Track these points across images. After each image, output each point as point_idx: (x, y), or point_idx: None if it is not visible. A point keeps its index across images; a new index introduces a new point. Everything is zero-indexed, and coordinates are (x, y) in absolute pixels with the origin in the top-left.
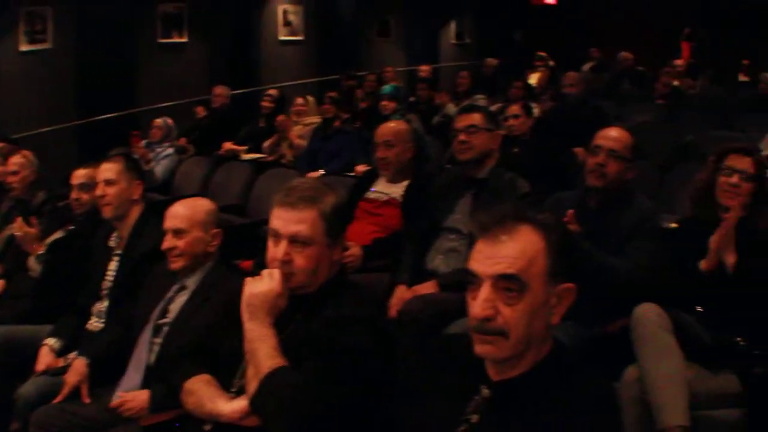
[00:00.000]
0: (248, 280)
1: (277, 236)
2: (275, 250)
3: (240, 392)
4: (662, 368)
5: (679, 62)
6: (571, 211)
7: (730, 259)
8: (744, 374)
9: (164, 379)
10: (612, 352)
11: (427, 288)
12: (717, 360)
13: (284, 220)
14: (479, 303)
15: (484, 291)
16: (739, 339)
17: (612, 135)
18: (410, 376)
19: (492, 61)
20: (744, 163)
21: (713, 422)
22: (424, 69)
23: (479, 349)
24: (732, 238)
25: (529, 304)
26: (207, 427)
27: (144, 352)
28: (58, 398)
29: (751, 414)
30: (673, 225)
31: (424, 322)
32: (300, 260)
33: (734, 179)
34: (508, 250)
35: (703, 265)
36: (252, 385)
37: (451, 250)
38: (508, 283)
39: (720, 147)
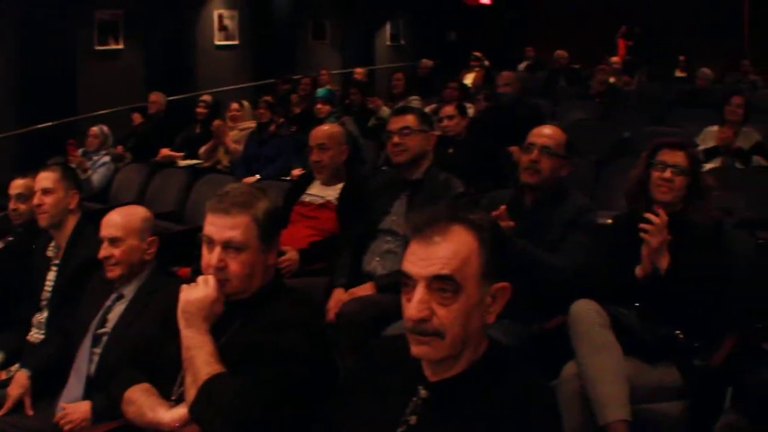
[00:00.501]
0: (183, 287)
1: (211, 242)
2: (209, 257)
3: (180, 400)
4: (601, 363)
5: (615, 59)
6: (503, 207)
7: (663, 263)
8: (684, 367)
9: (105, 390)
10: (551, 349)
11: (365, 290)
12: (656, 354)
13: (217, 226)
14: (414, 304)
15: (419, 292)
16: (678, 332)
17: (545, 132)
18: (349, 378)
19: (427, 62)
20: (676, 157)
21: (655, 415)
22: (359, 71)
23: (415, 350)
24: (663, 244)
25: (464, 304)
26: None
27: (84, 362)
28: (2, 411)
29: (692, 406)
30: (609, 221)
31: (362, 325)
32: (234, 266)
33: (667, 174)
34: (442, 251)
35: (638, 271)
36: (191, 393)
37: (387, 251)
38: (443, 284)
39: (653, 142)
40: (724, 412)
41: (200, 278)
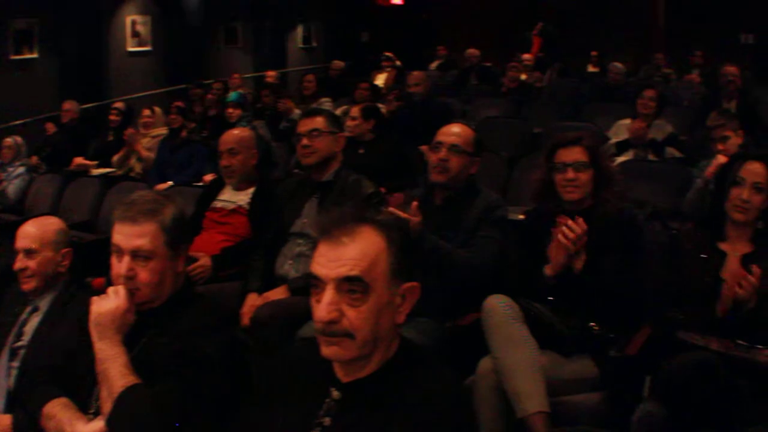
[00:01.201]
0: (94, 299)
1: (120, 252)
2: (118, 266)
3: (97, 413)
4: (516, 357)
5: (526, 56)
6: (414, 202)
7: (579, 264)
8: (600, 358)
9: (23, 404)
10: (467, 345)
11: (278, 294)
12: (572, 346)
13: (125, 234)
14: (323, 306)
15: (328, 294)
16: (592, 324)
17: (453, 131)
18: (264, 382)
19: (338, 64)
20: (574, 154)
21: (573, 407)
22: (271, 74)
23: (326, 351)
24: (580, 250)
25: (374, 305)
26: None
27: (3, 377)
28: None
29: (609, 397)
30: (520, 216)
31: (276, 328)
32: (143, 274)
33: (569, 174)
34: (350, 252)
35: (547, 270)
36: (107, 406)
37: (299, 254)
38: (352, 285)
39: (547, 144)
40: (643, 401)
41: (110, 289)
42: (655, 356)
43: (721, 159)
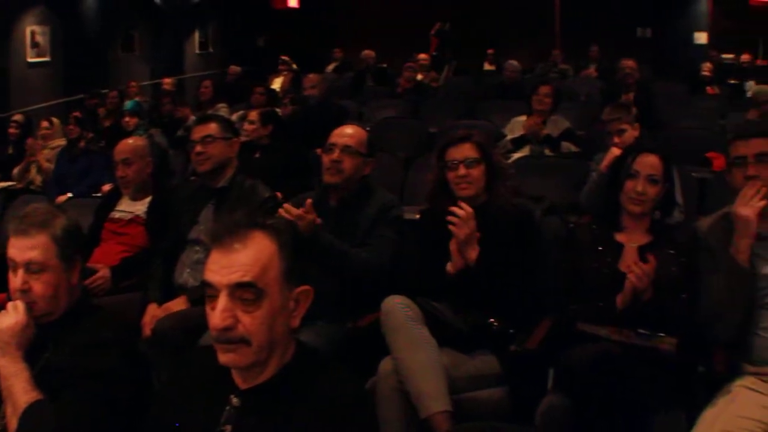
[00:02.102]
0: None
1: (15, 265)
2: (14, 280)
3: (4, 431)
4: (416, 357)
5: (422, 56)
6: (309, 201)
7: (472, 255)
8: (501, 354)
9: None
10: (368, 346)
11: (178, 304)
12: (472, 343)
13: (18, 248)
14: (218, 313)
15: (222, 301)
16: (492, 320)
17: (346, 132)
18: (164, 393)
19: (235, 69)
20: (464, 150)
21: (476, 403)
22: (167, 82)
23: (223, 358)
24: (471, 237)
25: (268, 310)
26: None
27: None
28: None
29: (513, 391)
30: (416, 216)
31: (178, 338)
32: (38, 287)
33: (461, 171)
34: (242, 258)
35: (449, 267)
36: (12, 423)
37: (197, 262)
38: (245, 291)
39: (437, 145)
40: (547, 393)
41: (9, 305)
42: (556, 349)
43: (616, 151)
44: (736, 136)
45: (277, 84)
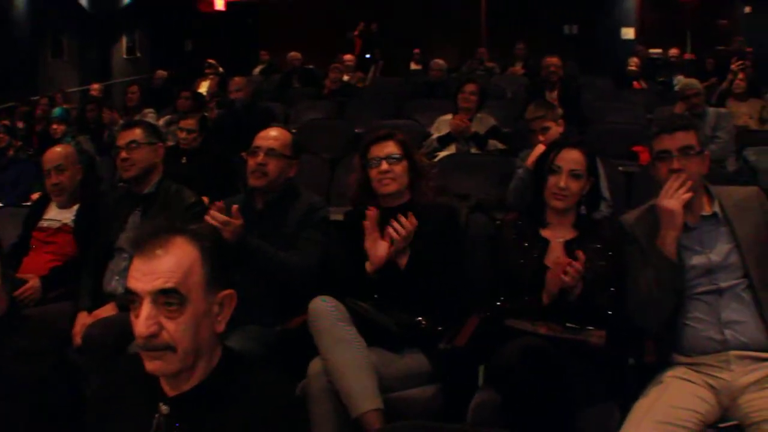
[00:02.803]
0: None
1: None
2: None
3: None
4: (344, 357)
5: (348, 57)
6: (235, 207)
7: (403, 260)
8: (430, 351)
9: None
10: (298, 348)
11: (107, 311)
12: (401, 342)
13: None
14: (142, 321)
15: (146, 308)
16: (420, 319)
17: (270, 135)
18: (94, 402)
19: (161, 73)
20: (386, 148)
21: (407, 402)
22: (95, 87)
23: (149, 366)
24: (404, 244)
25: (192, 316)
26: None
27: None
28: None
29: (444, 388)
30: (341, 217)
31: (108, 346)
32: None
33: (383, 166)
34: (164, 265)
35: (368, 267)
36: None
37: (126, 269)
38: (168, 298)
39: (361, 143)
40: (478, 390)
41: None
42: (486, 345)
43: (540, 148)
44: (660, 130)
45: (203, 87)
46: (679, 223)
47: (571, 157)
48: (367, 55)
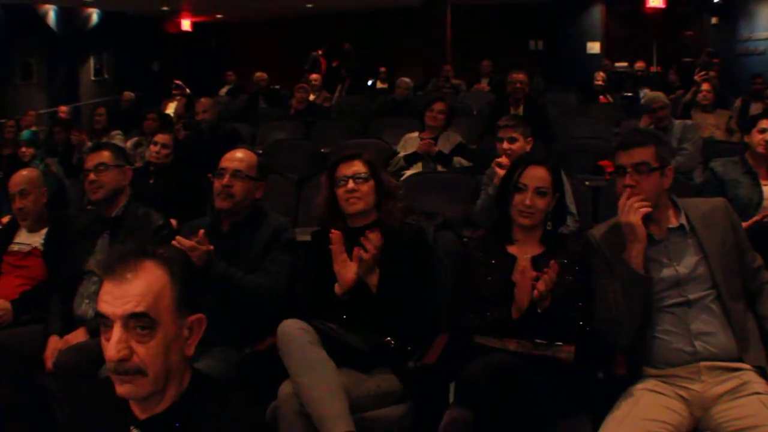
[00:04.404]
0: None
1: None
2: None
3: None
4: (315, 380)
5: (314, 77)
6: (201, 231)
7: (373, 279)
8: (400, 371)
9: None
10: (268, 370)
11: (77, 337)
12: (371, 362)
13: None
14: (113, 345)
15: (116, 332)
16: (389, 339)
17: (236, 156)
18: (68, 425)
19: (128, 95)
20: (353, 167)
21: (379, 422)
22: (63, 110)
23: (120, 389)
24: (371, 262)
25: (162, 340)
26: None
27: None
28: None
29: (414, 407)
30: (308, 238)
31: (79, 371)
32: None
33: (350, 185)
34: (134, 289)
35: (336, 288)
36: None
37: (95, 293)
38: (138, 322)
39: (329, 163)
40: (449, 407)
41: None
42: (456, 363)
43: (500, 161)
44: (618, 146)
45: (171, 109)
46: (641, 235)
47: (536, 175)
48: (342, 71)
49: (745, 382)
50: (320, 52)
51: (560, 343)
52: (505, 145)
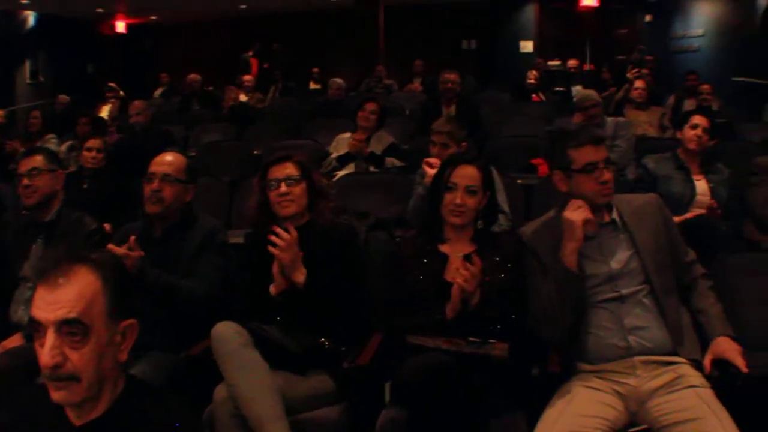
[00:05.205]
0: None
1: None
2: None
3: None
4: (249, 382)
5: (247, 78)
6: (132, 237)
7: (300, 278)
8: (334, 372)
9: None
10: (204, 374)
11: (13, 342)
12: (305, 364)
13: None
14: (46, 351)
15: (50, 338)
16: (323, 340)
17: (165, 160)
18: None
19: (63, 98)
20: (286, 169)
21: (315, 423)
22: None
23: (55, 396)
24: (296, 260)
25: (95, 346)
26: None
27: None
28: None
29: (350, 407)
30: (242, 240)
31: (15, 376)
32: None
33: (282, 188)
34: (67, 294)
35: (272, 289)
36: None
37: (30, 298)
38: (71, 328)
39: (262, 165)
40: (385, 407)
41: None
42: (391, 363)
43: (430, 161)
44: (585, 141)
45: (105, 111)
46: (579, 236)
47: (466, 174)
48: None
49: (680, 376)
50: (251, 53)
51: (493, 341)
52: (437, 150)
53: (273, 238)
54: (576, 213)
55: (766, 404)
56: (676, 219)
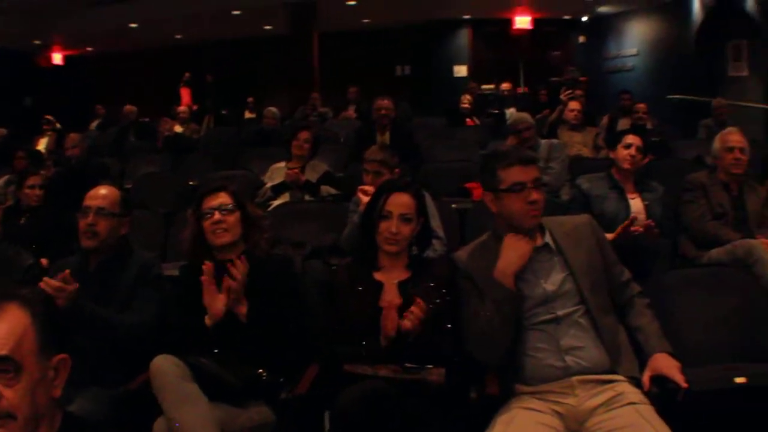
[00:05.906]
0: None
1: None
2: None
3: None
4: (188, 416)
5: (181, 108)
6: (67, 271)
7: (243, 309)
8: (273, 403)
9: None
10: (142, 408)
11: None
12: (243, 395)
13: None
14: None
15: None
16: (261, 371)
17: (99, 194)
18: None
19: (1, 131)
20: (219, 199)
21: None
22: None
23: None
24: (240, 292)
25: (28, 383)
26: None
27: None
28: None
29: None
30: (176, 272)
31: None
32: None
33: (216, 216)
34: None
35: (207, 320)
36: None
37: None
38: (3, 365)
39: (196, 196)
40: None
41: None
42: (330, 392)
43: (365, 188)
44: (515, 162)
45: (42, 144)
46: (524, 260)
47: (400, 202)
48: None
49: (619, 393)
50: (182, 84)
51: (430, 366)
52: (371, 179)
53: (231, 268)
54: (525, 242)
55: (705, 419)
56: (609, 236)
